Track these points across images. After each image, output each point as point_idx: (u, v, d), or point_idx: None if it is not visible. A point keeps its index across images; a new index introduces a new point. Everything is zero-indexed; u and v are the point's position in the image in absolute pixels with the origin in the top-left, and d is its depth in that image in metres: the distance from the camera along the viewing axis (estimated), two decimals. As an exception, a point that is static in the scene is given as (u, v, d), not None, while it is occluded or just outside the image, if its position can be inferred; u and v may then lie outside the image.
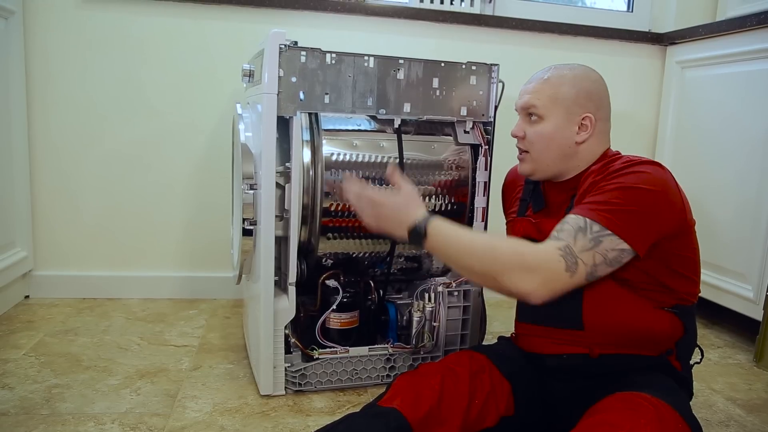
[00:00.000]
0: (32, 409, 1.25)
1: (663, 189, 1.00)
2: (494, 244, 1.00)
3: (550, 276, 0.94)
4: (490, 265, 0.97)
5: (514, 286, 0.95)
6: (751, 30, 1.78)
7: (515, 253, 0.97)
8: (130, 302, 1.96)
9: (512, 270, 0.95)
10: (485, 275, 0.98)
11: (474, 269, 1.00)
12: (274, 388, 1.35)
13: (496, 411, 1.07)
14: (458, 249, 1.02)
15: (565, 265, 0.95)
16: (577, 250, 0.96)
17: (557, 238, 0.98)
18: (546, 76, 1.12)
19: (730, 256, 1.84)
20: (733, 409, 1.41)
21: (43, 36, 1.86)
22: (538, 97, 1.11)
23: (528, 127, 1.13)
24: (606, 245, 0.96)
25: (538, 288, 0.94)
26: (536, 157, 1.13)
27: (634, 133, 2.25)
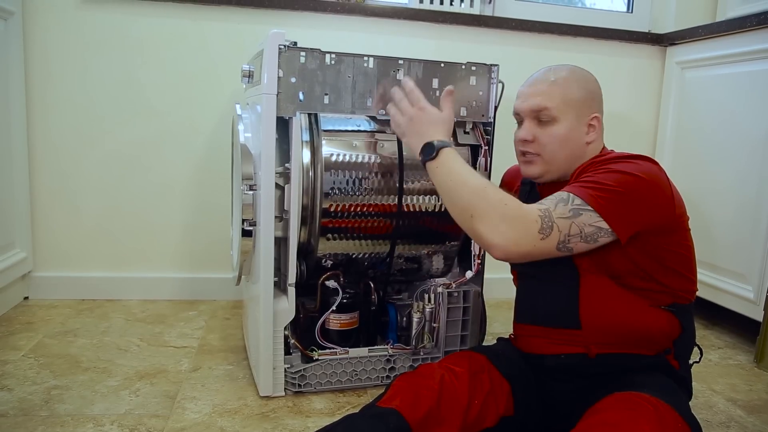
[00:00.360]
0: (31, 411, 1.24)
1: (652, 180, 1.00)
2: (486, 187, 1.01)
3: (522, 233, 0.95)
4: (473, 204, 0.99)
5: (484, 232, 0.96)
6: (751, 30, 1.78)
7: (500, 201, 0.98)
8: (129, 303, 1.96)
9: (490, 215, 0.96)
10: (464, 211, 1.00)
11: (458, 203, 1.02)
12: (274, 390, 1.35)
13: (495, 411, 1.07)
14: (454, 179, 1.04)
15: (540, 226, 0.95)
16: (556, 216, 0.96)
17: (541, 203, 0.99)
18: (552, 77, 1.11)
19: (730, 257, 1.84)
20: (733, 410, 1.40)
21: (43, 37, 1.86)
22: (551, 99, 1.09)
23: (538, 129, 1.11)
24: (584, 219, 0.96)
25: (505, 241, 0.95)
26: (549, 158, 1.11)
27: (633, 134, 2.25)
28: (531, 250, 0.96)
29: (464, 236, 1.48)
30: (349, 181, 1.35)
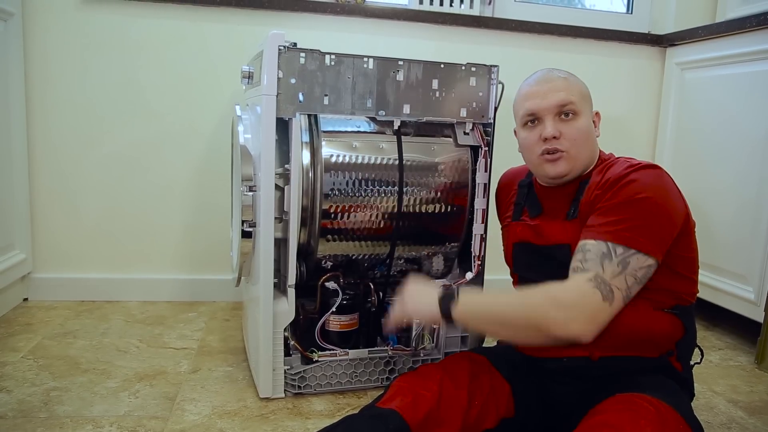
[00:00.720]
0: (30, 412, 1.24)
1: (667, 194, 1.01)
2: (523, 297, 0.99)
3: (591, 310, 0.94)
4: (528, 318, 0.97)
5: (561, 331, 0.94)
6: (750, 31, 1.77)
7: (547, 297, 0.96)
8: (129, 305, 1.96)
9: (551, 315, 0.94)
10: (528, 329, 0.97)
11: (513, 325, 1.00)
12: (274, 391, 1.35)
13: (495, 412, 1.07)
14: (493, 307, 1.02)
15: (601, 295, 0.94)
16: (608, 277, 0.95)
17: (583, 269, 0.97)
18: (562, 74, 1.12)
19: (730, 258, 1.83)
20: (734, 412, 1.40)
21: (43, 38, 1.86)
22: (572, 93, 1.09)
23: (563, 125, 1.09)
24: (634, 265, 0.96)
25: (584, 326, 0.93)
26: (575, 154, 1.09)
27: (633, 135, 2.25)
28: (608, 317, 0.95)
29: (464, 237, 1.47)
30: (349, 182, 1.34)
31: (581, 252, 1.00)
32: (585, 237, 1.01)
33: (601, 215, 1.01)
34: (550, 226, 1.12)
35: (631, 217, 0.97)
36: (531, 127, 1.12)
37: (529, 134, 1.13)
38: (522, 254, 1.19)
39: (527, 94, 1.13)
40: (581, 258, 0.99)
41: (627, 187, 1.00)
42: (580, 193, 1.09)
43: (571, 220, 1.08)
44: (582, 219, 1.06)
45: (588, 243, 0.99)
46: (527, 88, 1.14)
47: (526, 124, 1.13)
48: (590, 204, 1.04)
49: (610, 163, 1.10)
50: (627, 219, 0.98)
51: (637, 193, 0.98)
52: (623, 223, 0.97)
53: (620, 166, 1.05)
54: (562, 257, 1.08)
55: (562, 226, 1.09)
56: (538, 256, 1.14)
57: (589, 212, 1.04)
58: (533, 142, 1.12)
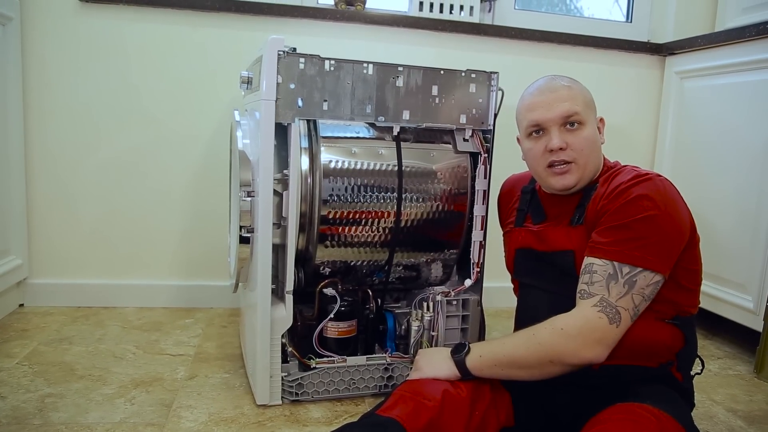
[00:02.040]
0: (24, 419, 1.23)
1: (675, 209, 1.00)
2: (532, 336, 1.00)
3: (598, 335, 0.96)
4: (541, 356, 0.99)
5: (574, 360, 0.97)
6: (750, 41, 1.78)
7: (554, 330, 0.98)
8: (125, 311, 1.95)
9: (561, 347, 0.97)
10: (543, 366, 0.99)
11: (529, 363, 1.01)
12: (271, 398, 1.34)
13: (496, 421, 1.06)
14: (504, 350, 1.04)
15: (608, 318, 0.96)
16: (614, 299, 0.96)
17: (589, 293, 0.98)
18: (565, 83, 1.11)
19: (730, 267, 1.83)
20: (734, 421, 1.39)
21: (41, 43, 1.86)
22: (577, 103, 1.08)
23: (569, 135, 1.08)
24: (641, 283, 0.97)
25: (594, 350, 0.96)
26: (583, 164, 1.08)
27: (633, 143, 2.25)
28: (617, 338, 0.97)
29: (463, 244, 1.47)
30: (347, 188, 1.34)
31: (588, 273, 1.00)
32: (592, 255, 1.01)
33: (609, 233, 1.00)
34: (554, 232, 1.11)
35: (640, 236, 0.97)
36: (536, 138, 1.11)
37: (534, 145, 1.11)
38: (523, 260, 1.19)
39: (531, 105, 1.11)
40: (588, 280, 0.99)
41: (634, 203, 0.99)
42: (586, 200, 1.08)
43: (575, 226, 1.08)
44: (587, 226, 1.05)
45: (595, 263, 0.99)
46: (530, 98, 1.12)
47: (530, 135, 1.12)
48: (597, 213, 1.04)
49: (616, 171, 1.09)
50: (635, 237, 0.97)
51: (646, 210, 0.98)
52: (632, 242, 0.97)
53: (626, 176, 1.04)
54: (564, 264, 1.07)
55: (566, 232, 1.09)
56: (540, 262, 1.14)
57: (594, 221, 1.04)
58: (538, 153, 1.11)
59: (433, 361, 1.12)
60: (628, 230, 0.98)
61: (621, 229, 0.99)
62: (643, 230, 0.97)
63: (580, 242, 1.05)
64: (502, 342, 1.06)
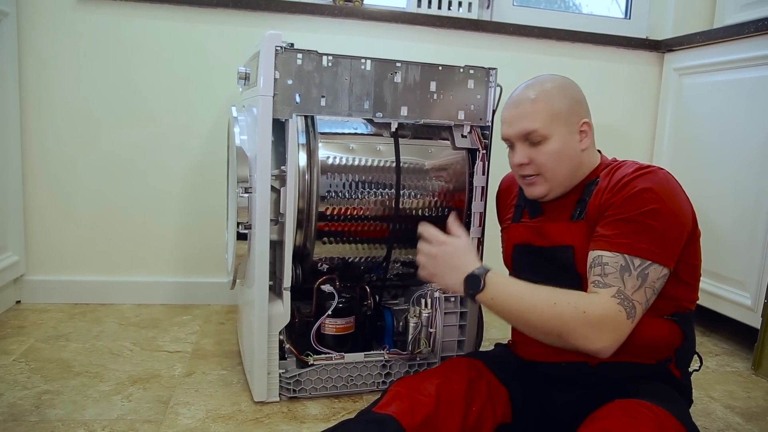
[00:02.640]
0: (21, 416, 1.22)
1: (679, 201, 1.00)
2: (554, 301, 0.98)
3: (615, 329, 0.95)
4: (554, 324, 0.97)
5: (582, 345, 0.95)
6: (748, 37, 1.78)
7: (577, 310, 0.96)
8: (123, 308, 1.94)
9: (577, 329, 0.95)
10: (548, 334, 0.98)
11: (537, 327, 0.99)
12: (268, 395, 1.33)
13: (493, 418, 1.06)
14: (519, 305, 1.00)
15: (626, 313, 0.95)
16: (630, 292, 0.96)
17: (605, 284, 0.97)
18: (532, 95, 1.09)
19: (728, 264, 1.83)
20: (731, 417, 1.39)
21: (38, 38, 1.85)
22: (535, 119, 1.07)
23: (531, 150, 1.08)
24: (652, 276, 0.97)
25: (608, 344, 0.95)
26: (550, 176, 1.09)
27: (631, 140, 2.25)
28: (628, 333, 0.97)
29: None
30: (345, 184, 1.34)
31: (599, 265, 0.99)
32: (599, 248, 1.00)
33: (614, 225, 1.00)
34: (554, 227, 1.11)
35: (645, 228, 0.97)
36: (510, 149, 1.14)
37: (509, 156, 1.15)
38: (521, 256, 1.19)
39: (502, 119, 1.14)
40: (600, 272, 0.98)
41: (638, 196, 0.99)
42: (587, 194, 1.08)
43: (576, 221, 1.07)
44: (589, 221, 1.05)
45: (604, 255, 0.99)
46: (503, 110, 1.14)
47: (507, 146, 1.15)
48: (599, 207, 1.03)
49: (617, 165, 1.09)
50: (641, 230, 0.97)
51: (649, 203, 0.97)
52: (638, 235, 0.97)
53: (629, 168, 1.04)
54: (563, 259, 1.07)
55: (567, 227, 1.08)
56: (539, 258, 1.13)
57: (597, 215, 1.03)
58: (512, 164, 1.14)
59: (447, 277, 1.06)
60: (633, 223, 0.98)
61: (627, 221, 0.98)
62: (648, 223, 0.97)
63: (580, 237, 1.05)
64: (521, 295, 1.00)
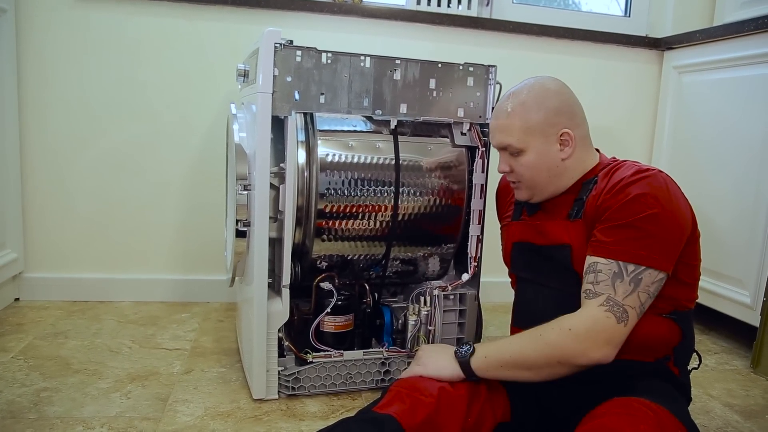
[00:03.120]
0: (19, 413, 1.22)
1: (677, 205, 1.00)
2: (539, 336, 1.00)
3: (606, 335, 0.95)
4: (548, 353, 0.98)
5: (583, 361, 0.96)
6: (748, 35, 1.77)
7: (562, 330, 0.97)
8: (121, 305, 1.94)
9: (569, 348, 0.96)
10: (550, 366, 0.99)
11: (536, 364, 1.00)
12: (267, 392, 1.33)
13: (492, 418, 1.06)
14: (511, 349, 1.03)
15: (615, 318, 0.95)
16: (620, 298, 0.96)
17: (595, 293, 0.98)
18: (509, 108, 1.10)
19: (727, 262, 1.83)
20: (730, 415, 1.39)
21: (36, 35, 1.84)
22: (510, 134, 1.09)
23: (511, 160, 1.12)
24: (646, 281, 0.97)
25: (603, 350, 0.95)
26: (530, 184, 1.12)
27: (631, 139, 2.25)
28: (625, 337, 0.97)
29: (461, 239, 1.46)
30: (344, 181, 1.33)
31: (593, 273, 0.99)
32: (596, 254, 1.00)
33: (613, 231, 0.99)
34: (552, 226, 1.11)
35: (644, 235, 0.97)
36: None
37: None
38: (520, 254, 1.19)
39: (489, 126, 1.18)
40: (593, 280, 0.99)
41: (637, 201, 0.98)
42: (584, 193, 1.08)
43: (573, 220, 1.07)
44: (586, 220, 1.05)
45: (599, 263, 0.99)
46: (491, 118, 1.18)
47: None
48: (597, 208, 1.03)
49: (616, 166, 1.08)
50: (639, 237, 0.97)
51: (649, 208, 0.97)
52: (636, 242, 0.97)
53: (628, 170, 1.04)
54: (561, 258, 1.07)
55: (564, 226, 1.08)
56: (537, 256, 1.13)
57: (594, 216, 1.03)
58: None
59: (438, 359, 1.10)
60: (632, 229, 0.98)
61: (625, 228, 0.98)
62: (647, 229, 0.97)
63: (577, 236, 1.05)
64: (509, 342, 1.05)
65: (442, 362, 1.09)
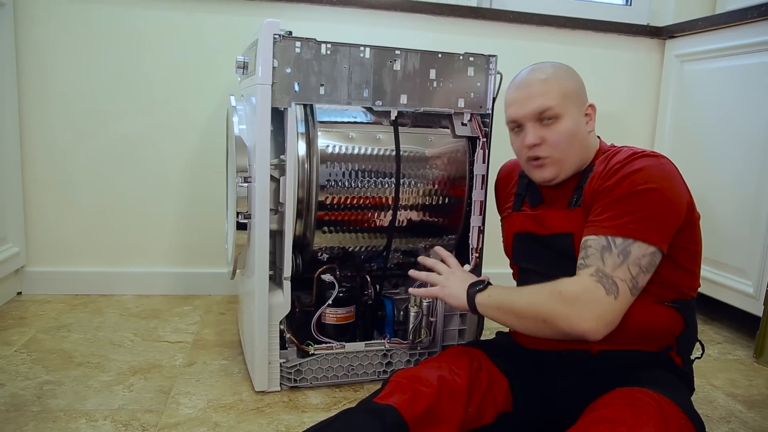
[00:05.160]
0: (23, 406, 1.22)
1: (671, 184, 0.99)
2: (537, 288, 1.01)
3: (596, 307, 0.94)
4: (537, 309, 0.99)
5: (567, 326, 0.95)
6: (751, 22, 1.76)
7: (553, 291, 0.97)
8: (123, 298, 1.94)
9: (555, 309, 0.96)
10: (537, 322, 0.99)
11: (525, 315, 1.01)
12: (269, 384, 1.33)
13: (494, 408, 1.06)
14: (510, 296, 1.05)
15: (604, 288, 0.94)
16: (609, 269, 0.95)
17: (585, 265, 0.97)
18: (542, 76, 1.09)
19: (730, 252, 1.82)
20: (733, 405, 1.39)
21: (35, 28, 1.84)
22: (550, 97, 1.07)
23: (544, 131, 1.07)
24: (636, 254, 0.95)
25: (591, 323, 0.94)
26: (560, 157, 1.08)
27: (632, 128, 2.24)
28: (615, 312, 0.95)
29: (462, 230, 1.46)
30: (345, 173, 1.33)
31: (584, 249, 0.99)
32: (588, 233, 1.00)
33: (604, 209, 0.99)
34: (553, 216, 1.10)
35: (634, 210, 0.96)
36: (516, 132, 1.13)
37: (516, 139, 1.14)
38: (522, 245, 1.18)
39: (508, 101, 1.13)
40: (584, 255, 0.99)
41: (630, 177, 0.98)
42: (583, 182, 1.07)
43: (573, 208, 1.07)
44: (585, 207, 1.05)
45: (590, 239, 0.99)
46: (509, 93, 1.13)
47: (512, 129, 1.14)
48: (594, 193, 1.03)
49: (613, 152, 1.08)
50: (629, 212, 0.97)
51: (640, 184, 0.97)
52: (625, 216, 0.96)
53: (623, 154, 1.04)
54: (563, 247, 1.07)
55: (565, 215, 1.08)
56: (539, 246, 1.13)
57: (592, 201, 1.03)
58: (519, 147, 1.13)
59: (454, 287, 1.15)
60: (622, 204, 0.97)
61: (615, 203, 0.98)
62: (638, 203, 0.96)
63: (578, 224, 1.05)
64: (512, 290, 1.08)
65: (456, 290, 1.14)
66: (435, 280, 1.20)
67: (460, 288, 1.13)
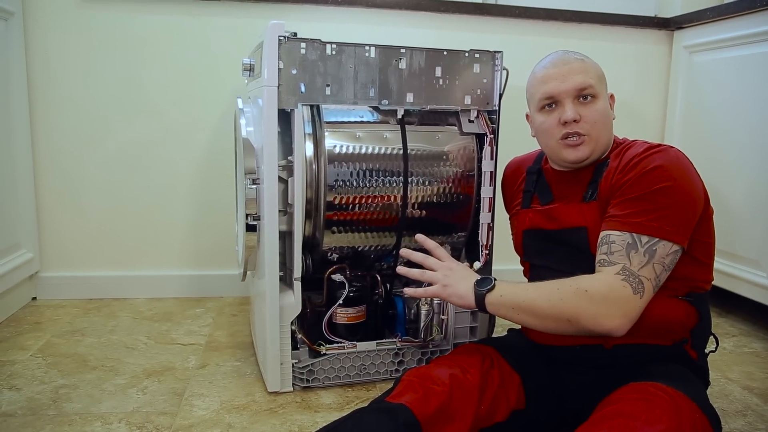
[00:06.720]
0: (39, 410, 1.24)
1: (690, 179, 0.99)
2: (555, 289, 0.98)
3: (623, 305, 0.94)
4: (560, 309, 0.96)
5: (593, 326, 0.94)
6: (760, 11, 1.74)
7: (578, 290, 0.96)
8: (136, 302, 1.96)
9: (583, 309, 0.94)
10: (559, 321, 0.97)
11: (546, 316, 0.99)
12: (282, 385, 1.34)
13: (506, 405, 1.05)
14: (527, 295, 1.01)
15: (631, 288, 0.94)
16: (636, 268, 0.95)
17: (610, 262, 0.97)
18: (579, 57, 1.10)
19: (744, 244, 1.81)
20: (750, 398, 1.38)
21: (44, 37, 1.86)
22: (590, 75, 1.07)
23: (582, 108, 1.06)
24: (660, 253, 0.95)
25: (618, 321, 0.93)
26: (596, 137, 1.07)
27: (641, 122, 2.22)
28: (639, 310, 0.95)
29: (471, 227, 1.46)
30: (353, 173, 1.33)
31: (606, 244, 0.98)
32: (609, 228, 0.99)
33: (625, 205, 0.99)
34: (566, 210, 1.10)
35: (657, 207, 0.96)
36: (549, 111, 1.10)
37: (547, 118, 1.10)
38: (532, 241, 1.18)
39: (544, 77, 1.10)
40: (607, 250, 0.98)
41: (650, 174, 0.98)
42: (598, 175, 1.07)
43: (588, 202, 1.07)
44: (601, 202, 1.04)
45: (612, 234, 0.98)
46: (543, 70, 1.11)
47: (543, 108, 1.11)
48: (611, 187, 1.03)
49: (627, 145, 1.08)
50: (652, 209, 0.96)
51: (662, 181, 0.97)
52: (648, 213, 0.96)
53: (639, 148, 1.04)
54: (577, 241, 1.06)
55: (579, 209, 1.08)
56: (550, 242, 1.13)
57: (608, 195, 1.03)
58: (552, 125, 1.09)
59: (458, 286, 1.08)
60: (644, 201, 0.97)
61: (637, 200, 0.98)
62: (659, 201, 0.96)
63: (593, 218, 1.04)
64: (525, 288, 1.03)
65: (461, 290, 1.08)
66: (433, 278, 1.12)
67: (465, 287, 1.08)
